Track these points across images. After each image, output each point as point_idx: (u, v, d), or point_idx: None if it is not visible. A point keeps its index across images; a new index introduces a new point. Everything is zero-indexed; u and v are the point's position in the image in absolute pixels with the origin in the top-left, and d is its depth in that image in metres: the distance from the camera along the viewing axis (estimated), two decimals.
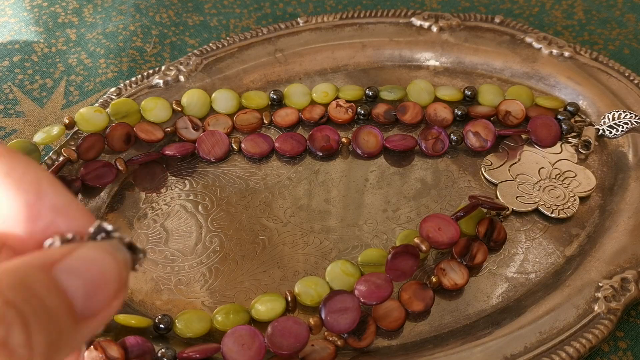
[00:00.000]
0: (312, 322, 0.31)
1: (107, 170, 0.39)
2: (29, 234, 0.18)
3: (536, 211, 0.38)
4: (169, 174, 0.40)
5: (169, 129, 0.41)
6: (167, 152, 0.40)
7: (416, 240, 0.34)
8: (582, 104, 0.44)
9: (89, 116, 0.40)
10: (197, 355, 0.30)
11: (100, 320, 0.17)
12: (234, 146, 0.41)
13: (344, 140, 0.41)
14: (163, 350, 0.31)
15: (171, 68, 0.45)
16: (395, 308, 0.33)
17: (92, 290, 0.17)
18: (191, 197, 0.39)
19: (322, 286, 0.34)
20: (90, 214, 0.19)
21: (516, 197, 0.39)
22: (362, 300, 0.32)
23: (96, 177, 0.39)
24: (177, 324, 0.32)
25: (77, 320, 0.17)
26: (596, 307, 0.33)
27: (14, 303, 0.15)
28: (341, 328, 0.31)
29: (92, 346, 0.30)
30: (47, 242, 0.18)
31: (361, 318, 0.32)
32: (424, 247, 0.34)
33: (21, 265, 0.16)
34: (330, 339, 0.32)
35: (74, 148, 0.39)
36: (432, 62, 0.47)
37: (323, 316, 0.31)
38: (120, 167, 0.39)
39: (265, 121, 0.43)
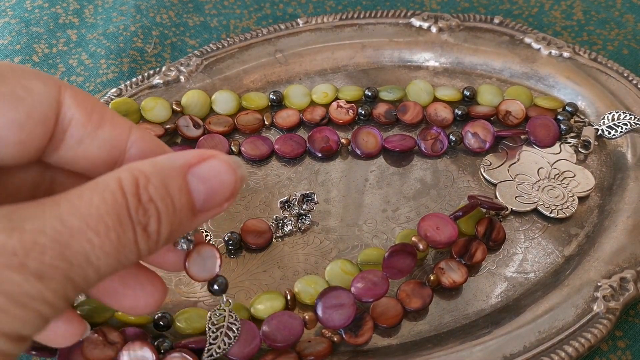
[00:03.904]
0: (307, 317, 0.32)
1: None
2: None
3: (535, 211, 0.39)
4: None
5: (169, 126, 0.41)
6: None
7: (414, 239, 0.34)
8: (581, 104, 0.44)
9: None
10: (193, 345, 0.31)
11: (211, 215, 0.22)
12: (234, 149, 0.41)
13: (343, 140, 0.42)
14: (160, 340, 0.31)
15: (171, 69, 0.45)
16: (393, 305, 0.33)
17: (212, 195, 0.21)
18: None
19: (321, 285, 0.34)
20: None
21: (515, 197, 0.39)
22: (358, 296, 0.32)
23: None
24: (177, 322, 0.33)
25: (194, 215, 0.21)
26: (595, 307, 0.33)
27: (155, 200, 0.20)
28: (336, 324, 0.32)
29: (93, 330, 0.31)
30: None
31: (358, 315, 0.32)
32: (421, 246, 0.34)
33: (165, 166, 0.20)
34: (327, 335, 0.32)
35: None
36: (432, 63, 0.47)
37: (318, 311, 0.32)
38: None
39: (267, 122, 0.43)
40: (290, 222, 0.37)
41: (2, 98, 0.20)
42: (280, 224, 0.37)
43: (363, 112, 0.43)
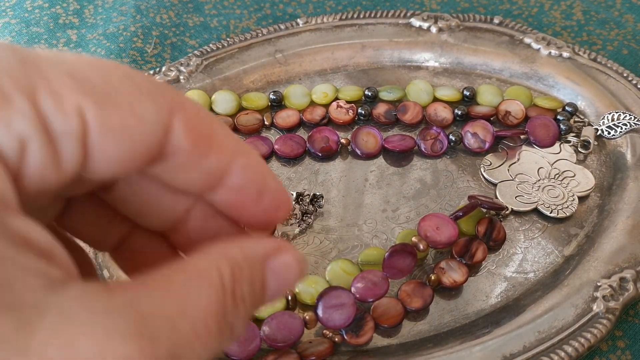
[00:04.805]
0: (308, 317, 0.32)
1: None
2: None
3: (535, 211, 0.39)
4: None
5: None
6: None
7: (414, 239, 0.34)
8: (581, 104, 0.44)
9: None
10: None
11: (271, 302, 0.22)
12: None
13: (343, 141, 0.42)
14: None
15: (171, 69, 0.45)
16: (394, 305, 0.33)
17: (278, 290, 0.21)
18: None
19: (322, 285, 0.34)
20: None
21: (515, 197, 0.39)
22: (358, 296, 0.32)
23: None
24: None
25: (263, 299, 0.21)
26: (595, 307, 0.33)
27: (245, 301, 0.19)
28: (336, 323, 0.32)
29: None
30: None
31: (359, 315, 0.32)
32: (421, 246, 0.34)
33: (251, 256, 0.20)
34: (328, 335, 0.32)
35: None
36: (432, 63, 0.47)
37: (318, 311, 0.32)
38: None
39: (267, 122, 0.43)
40: (296, 215, 0.37)
41: (107, 130, 0.17)
42: (289, 214, 0.37)
43: (363, 112, 0.43)
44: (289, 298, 0.34)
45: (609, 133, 0.41)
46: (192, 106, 0.19)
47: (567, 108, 0.43)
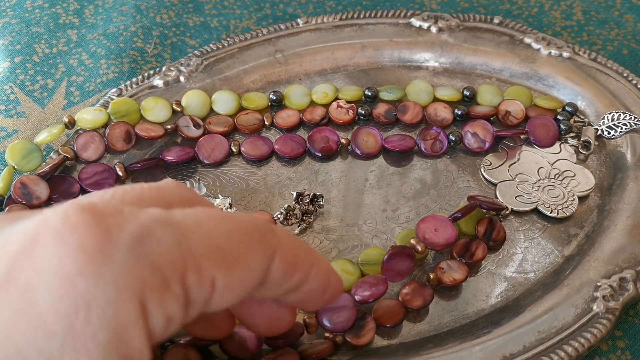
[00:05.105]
0: (308, 320, 0.32)
1: (107, 176, 0.39)
2: None
3: (535, 211, 0.39)
4: (168, 177, 0.41)
5: (169, 126, 0.41)
6: (167, 158, 0.40)
7: (412, 241, 0.34)
8: (581, 104, 0.44)
9: (89, 114, 0.41)
10: (195, 343, 0.31)
11: None
12: (234, 149, 0.41)
13: (343, 141, 0.42)
14: None
15: (172, 69, 0.45)
16: (394, 306, 0.33)
17: None
18: None
19: None
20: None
21: (515, 197, 0.39)
22: (358, 298, 0.32)
23: (95, 183, 0.39)
24: None
25: None
26: (595, 307, 0.33)
27: None
28: (337, 327, 0.32)
29: None
30: None
31: (359, 316, 0.32)
32: (419, 249, 0.34)
33: None
34: (330, 336, 0.32)
35: (71, 146, 0.40)
36: (432, 63, 0.47)
37: (319, 315, 0.32)
38: (120, 173, 0.39)
39: (267, 122, 0.43)
40: (296, 215, 0.38)
41: (227, 289, 0.21)
42: (289, 214, 0.37)
43: (363, 112, 0.43)
44: None
45: (609, 133, 0.41)
46: (286, 240, 0.24)
47: (567, 108, 0.43)
